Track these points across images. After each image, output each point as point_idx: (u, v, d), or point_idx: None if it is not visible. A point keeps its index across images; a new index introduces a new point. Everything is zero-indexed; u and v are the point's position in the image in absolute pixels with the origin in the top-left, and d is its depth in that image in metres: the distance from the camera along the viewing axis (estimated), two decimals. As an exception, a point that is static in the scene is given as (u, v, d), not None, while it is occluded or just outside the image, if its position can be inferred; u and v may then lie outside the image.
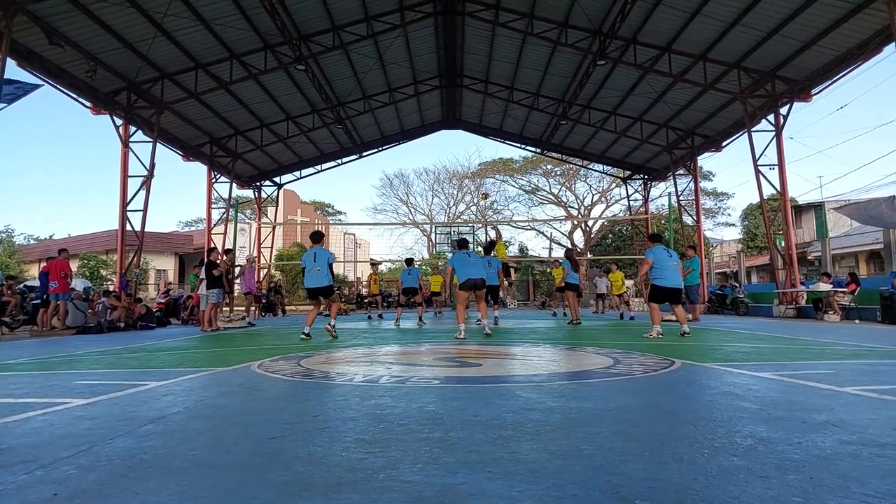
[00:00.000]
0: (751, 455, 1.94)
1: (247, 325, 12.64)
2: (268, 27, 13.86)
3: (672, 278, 7.49)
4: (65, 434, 2.38)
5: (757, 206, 27.75)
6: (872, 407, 2.79)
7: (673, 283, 7.49)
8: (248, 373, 4.37)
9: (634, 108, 19.48)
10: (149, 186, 15.04)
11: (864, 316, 12.17)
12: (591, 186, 38.26)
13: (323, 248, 8.35)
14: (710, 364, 4.58)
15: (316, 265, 8.03)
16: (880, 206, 14.76)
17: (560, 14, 14.78)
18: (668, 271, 7.47)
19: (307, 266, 8.14)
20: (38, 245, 34.94)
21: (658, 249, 7.61)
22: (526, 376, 4.14)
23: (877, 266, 25.61)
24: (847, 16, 11.90)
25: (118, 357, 5.96)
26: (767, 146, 15.80)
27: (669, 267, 7.52)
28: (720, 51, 14.58)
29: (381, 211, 44.46)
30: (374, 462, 1.91)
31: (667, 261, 7.55)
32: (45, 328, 11.16)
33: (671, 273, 7.50)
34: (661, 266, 7.49)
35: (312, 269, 8.06)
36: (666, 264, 7.51)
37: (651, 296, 7.67)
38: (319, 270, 8.00)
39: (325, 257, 8.13)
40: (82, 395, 3.37)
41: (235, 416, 2.78)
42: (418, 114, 23.47)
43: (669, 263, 7.56)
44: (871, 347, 5.97)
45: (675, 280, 7.52)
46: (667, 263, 7.52)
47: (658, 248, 7.65)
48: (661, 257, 7.50)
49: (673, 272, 7.52)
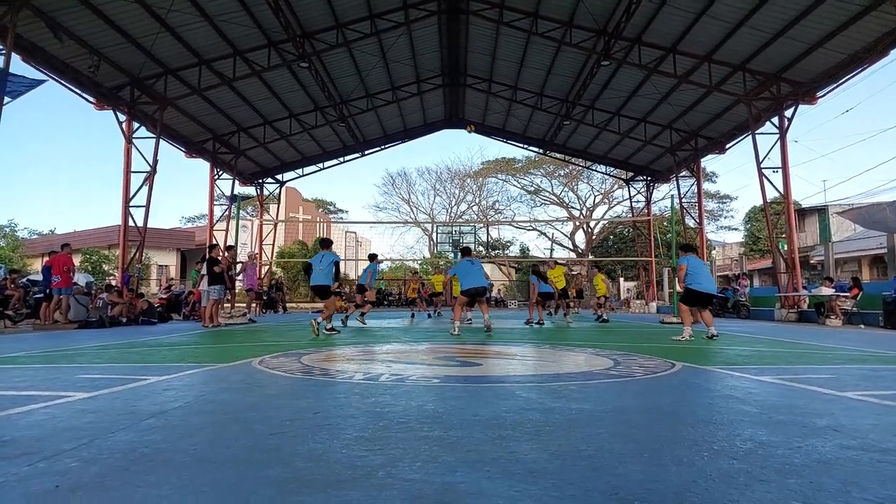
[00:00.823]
0: (751, 458, 1.94)
1: (248, 321, 12.67)
2: (271, 24, 13.87)
3: (707, 284, 7.74)
4: (67, 427, 2.38)
5: (760, 209, 27.73)
6: (874, 412, 2.78)
7: (708, 288, 7.75)
8: (248, 369, 4.37)
9: (638, 109, 19.45)
10: (151, 182, 15.06)
11: (866, 321, 12.14)
12: (594, 187, 38.33)
13: (331, 252, 8.93)
14: (712, 367, 4.58)
15: (321, 265, 8.60)
16: (884, 211, 14.71)
17: (565, 14, 14.76)
18: (703, 277, 7.73)
19: (314, 264, 8.75)
20: (41, 239, 35.02)
21: (692, 257, 7.95)
22: (525, 376, 4.14)
23: (880, 271, 25.56)
24: (854, 18, 11.84)
25: (119, 351, 5.98)
26: (771, 149, 15.79)
27: (705, 273, 7.82)
28: (725, 52, 14.55)
29: (383, 209, 44.61)
30: (374, 460, 1.91)
31: (702, 267, 7.89)
32: (48, 322, 11.20)
33: (706, 279, 7.76)
34: (697, 272, 7.73)
35: (317, 268, 8.62)
36: (702, 270, 7.80)
37: (684, 298, 7.95)
38: (321, 269, 8.56)
39: (331, 259, 8.66)
40: (84, 388, 3.38)
41: (236, 411, 2.79)
42: (421, 112, 23.47)
43: (705, 270, 7.91)
44: (873, 352, 5.96)
45: (710, 286, 7.81)
46: (702, 270, 7.83)
47: (692, 256, 8.00)
48: (696, 263, 7.84)
49: (708, 278, 7.83)
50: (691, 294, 7.70)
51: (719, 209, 39.26)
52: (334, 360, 5.02)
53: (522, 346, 6.47)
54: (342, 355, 5.47)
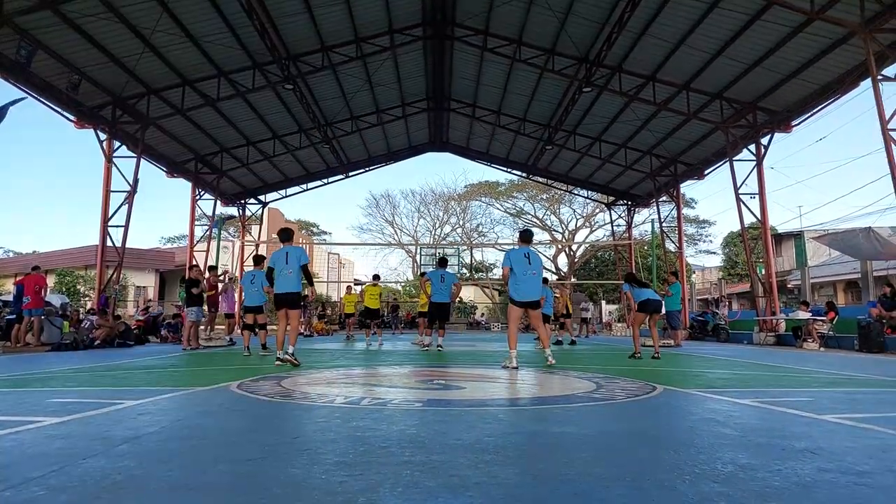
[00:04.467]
0: (731, 482, 1.94)
1: (228, 342, 12.47)
2: (257, 46, 13.93)
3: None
4: (35, 454, 2.31)
5: (737, 234, 28.21)
6: (851, 435, 2.81)
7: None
8: (227, 393, 4.29)
9: (619, 135, 19.80)
10: (131, 202, 14.90)
11: (841, 344, 12.34)
12: (576, 211, 38.71)
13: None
14: (692, 390, 4.60)
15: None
16: (857, 237, 15.07)
17: (548, 41, 15.07)
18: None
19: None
20: (16, 259, 34.26)
21: None
22: (509, 400, 4.12)
23: (854, 295, 26.05)
24: (826, 50, 12.28)
25: (94, 375, 5.83)
26: (748, 175, 16.15)
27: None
28: (703, 81, 14.95)
29: (367, 231, 44.48)
30: (354, 485, 1.88)
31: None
32: (19, 344, 10.89)
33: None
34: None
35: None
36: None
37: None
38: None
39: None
40: (55, 413, 3.28)
41: (213, 436, 2.73)
42: (406, 135, 23.62)
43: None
44: (849, 376, 6.05)
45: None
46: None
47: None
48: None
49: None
50: None
51: (698, 233, 39.91)
52: (315, 384, 4.95)
53: (506, 369, 6.44)
54: (323, 378, 5.39)
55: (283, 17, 13.49)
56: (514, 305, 6.90)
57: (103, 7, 11.16)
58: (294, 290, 6.88)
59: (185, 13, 12.28)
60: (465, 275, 38.18)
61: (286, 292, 6.86)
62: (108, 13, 11.31)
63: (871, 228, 14.93)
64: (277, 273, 6.90)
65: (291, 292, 6.86)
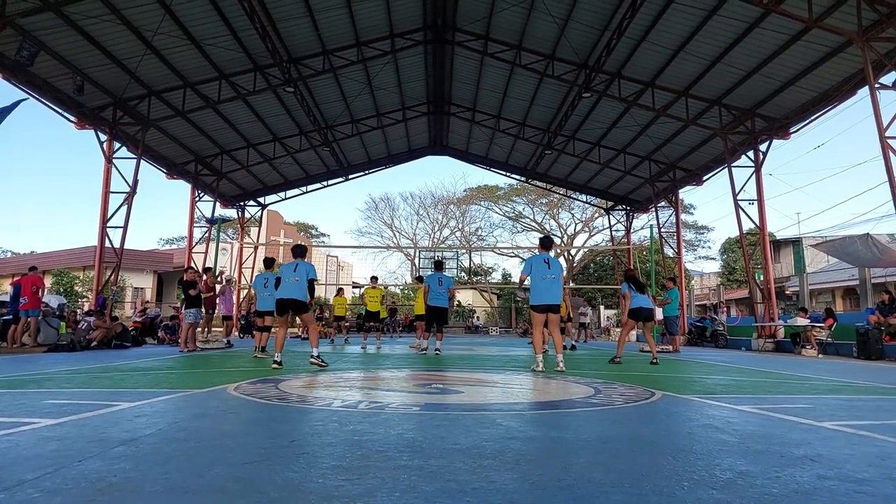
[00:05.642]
0: (730, 488, 1.93)
1: (225, 345, 12.44)
2: (258, 49, 13.97)
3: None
4: (30, 455, 2.29)
5: (736, 241, 28.23)
6: (850, 442, 2.80)
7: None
8: (224, 395, 4.27)
9: (618, 141, 19.85)
10: (130, 203, 14.88)
11: (840, 351, 12.33)
12: (575, 216, 38.74)
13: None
14: (690, 396, 4.59)
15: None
16: (855, 244, 15.09)
17: (547, 47, 15.11)
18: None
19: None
20: (14, 259, 34.19)
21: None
22: (507, 404, 4.11)
23: (852, 302, 26.08)
24: (824, 58, 12.35)
25: (90, 376, 5.81)
26: (747, 181, 16.20)
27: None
28: (702, 88, 14.99)
29: (366, 234, 44.45)
30: (351, 489, 1.87)
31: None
32: (16, 345, 10.86)
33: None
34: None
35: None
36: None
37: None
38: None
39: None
40: (51, 415, 3.26)
41: (210, 439, 2.71)
42: (406, 139, 23.68)
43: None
44: (848, 383, 6.04)
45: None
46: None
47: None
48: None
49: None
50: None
51: (697, 239, 39.97)
52: (312, 387, 4.93)
53: (504, 374, 6.43)
54: (320, 382, 5.38)
55: (285, 20, 13.53)
56: (536, 312, 7.03)
57: (106, 9, 11.18)
58: (299, 297, 6.96)
59: (187, 15, 12.32)
60: (463, 278, 38.16)
61: (290, 298, 6.93)
62: (111, 15, 11.34)
63: (869, 235, 14.96)
64: (283, 280, 7.03)
65: (296, 299, 6.94)
